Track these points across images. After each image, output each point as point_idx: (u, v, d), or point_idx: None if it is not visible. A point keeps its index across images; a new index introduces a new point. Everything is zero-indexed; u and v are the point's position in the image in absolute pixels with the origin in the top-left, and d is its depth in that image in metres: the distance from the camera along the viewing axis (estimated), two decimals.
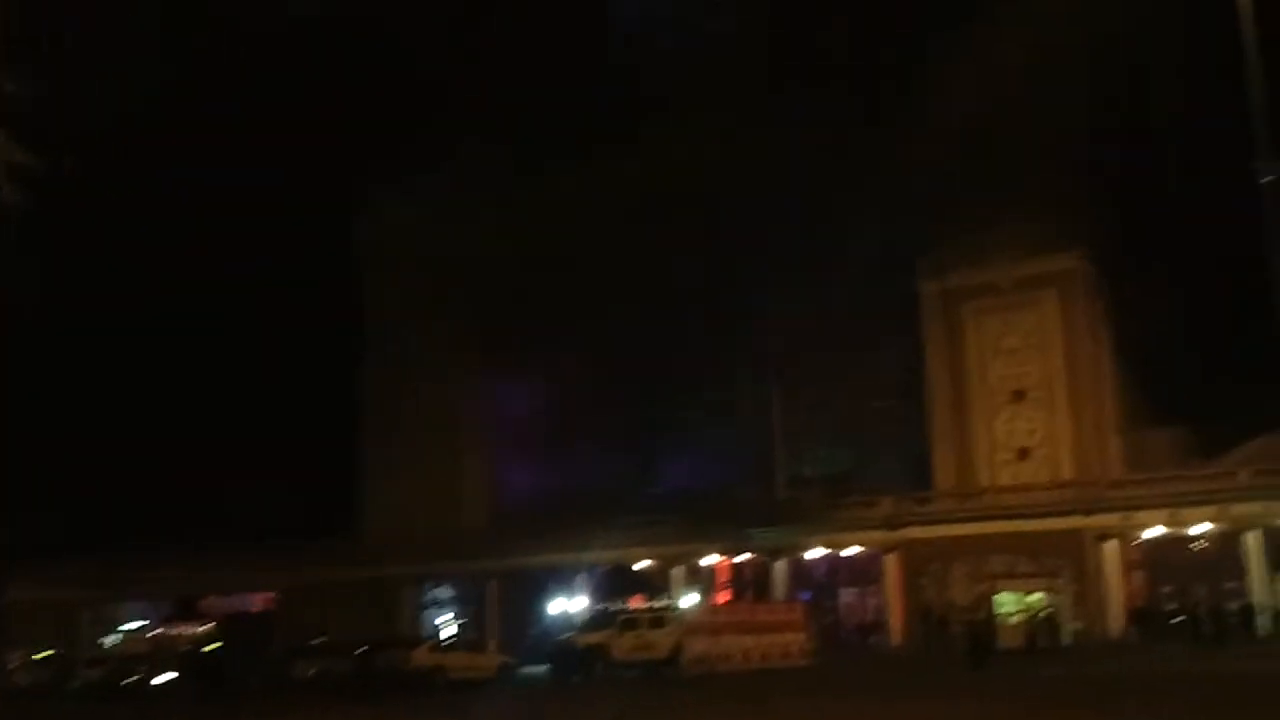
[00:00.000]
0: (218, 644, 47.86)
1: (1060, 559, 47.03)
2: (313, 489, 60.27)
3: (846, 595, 52.09)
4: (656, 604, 50.10)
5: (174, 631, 53.04)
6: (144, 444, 62.11)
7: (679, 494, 56.77)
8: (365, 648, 37.89)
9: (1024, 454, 51.85)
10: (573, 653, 38.80)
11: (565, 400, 59.76)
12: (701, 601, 49.35)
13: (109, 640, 56.11)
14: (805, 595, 48.92)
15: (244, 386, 63.01)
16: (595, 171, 58.83)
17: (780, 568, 51.17)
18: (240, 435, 61.95)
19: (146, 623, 59.09)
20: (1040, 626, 45.88)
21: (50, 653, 43.72)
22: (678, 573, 52.83)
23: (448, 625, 57.12)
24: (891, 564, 49.53)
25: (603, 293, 60.02)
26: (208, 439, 62.51)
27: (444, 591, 58.55)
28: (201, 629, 55.65)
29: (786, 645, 38.46)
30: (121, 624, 59.47)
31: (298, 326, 61.92)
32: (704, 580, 53.67)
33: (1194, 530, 46.28)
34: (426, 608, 58.02)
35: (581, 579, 53.73)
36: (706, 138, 56.56)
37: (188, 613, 58.91)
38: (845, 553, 51.19)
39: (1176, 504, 46.02)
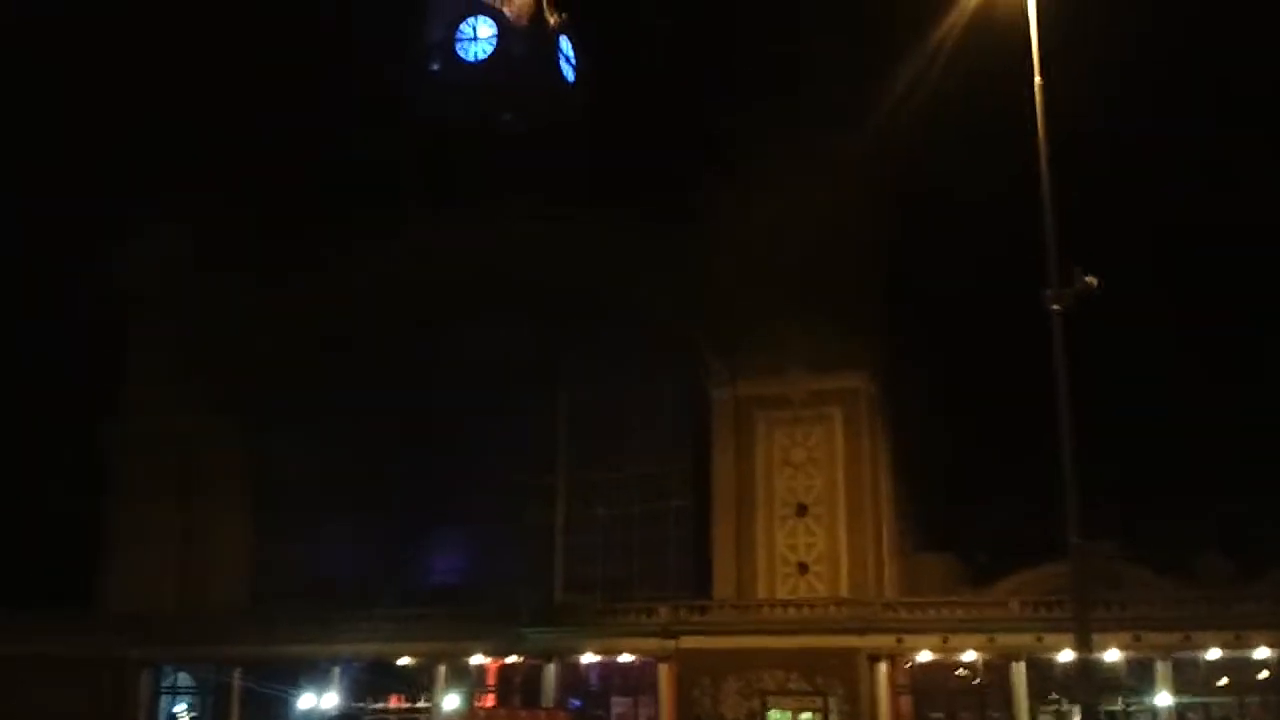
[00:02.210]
0: None
1: (833, 678, 44.55)
2: (48, 552, 52.86)
3: (619, 704, 48.13)
4: (414, 704, 45.27)
5: None
6: None
7: (451, 588, 52.26)
8: None
9: (803, 569, 49.42)
10: None
11: (337, 478, 54.58)
12: (463, 703, 44.66)
13: None
14: (576, 702, 44.83)
15: None
16: (397, 243, 55.27)
17: (551, 671, 46.99)
18: None
19: None
20: None
21: None
22: (442, 671, 47.98)
23: (183, 715, 50.45)
24: (665, 673, 46.03)
25: (388, 369, 55.74)
26: None
27: (185, 677, 51.72)
28: None
29: None
30: None
31: (45, 371, 55.24)
32: (471, 681, 48.96)
33: (964, 657, 44.52)
34: (163, 694, 51.06)
35: (338, 672, 48.19)
36: (508, 223, 53.87)
37: None
38: (620, 659, 47.36)
39: (949, 629, 44.25)
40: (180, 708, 51.16)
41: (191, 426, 55.18)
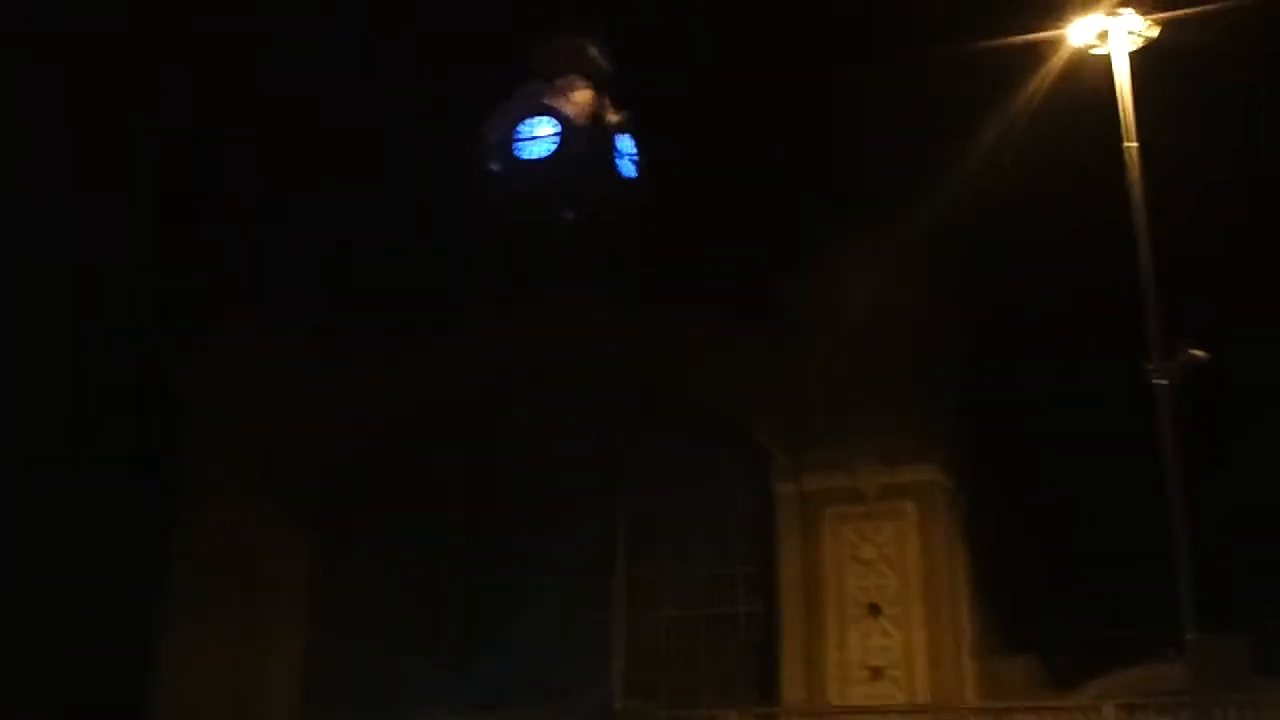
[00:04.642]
0: None
1: None
2: (99, 675, 50.87)
3: None
4: None
5: None
6: None
7: (509, 693, 49.39)
8: None
9: (877, 673, 46.08)
10: None
11: (395, 584, 52.51)
12: None
13: None
14: None
15: (30, 540, 54.33)
16: (457, 342, 54.16)
17: None
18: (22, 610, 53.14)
19: None
20: None
21: None
22: None
23: None
24: None
25: (446, 470, 54.05)
26: None
27: None
28: None
29: None
30: None
31: (97, 471, 54.13)
32: None
33: None
34: None
35: None
36: (565, 318, 52.59)
37: None
38: None
39: None
40: None
41: (248, 538, 53.53)
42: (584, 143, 67.96)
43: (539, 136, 66.96)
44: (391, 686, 50.38)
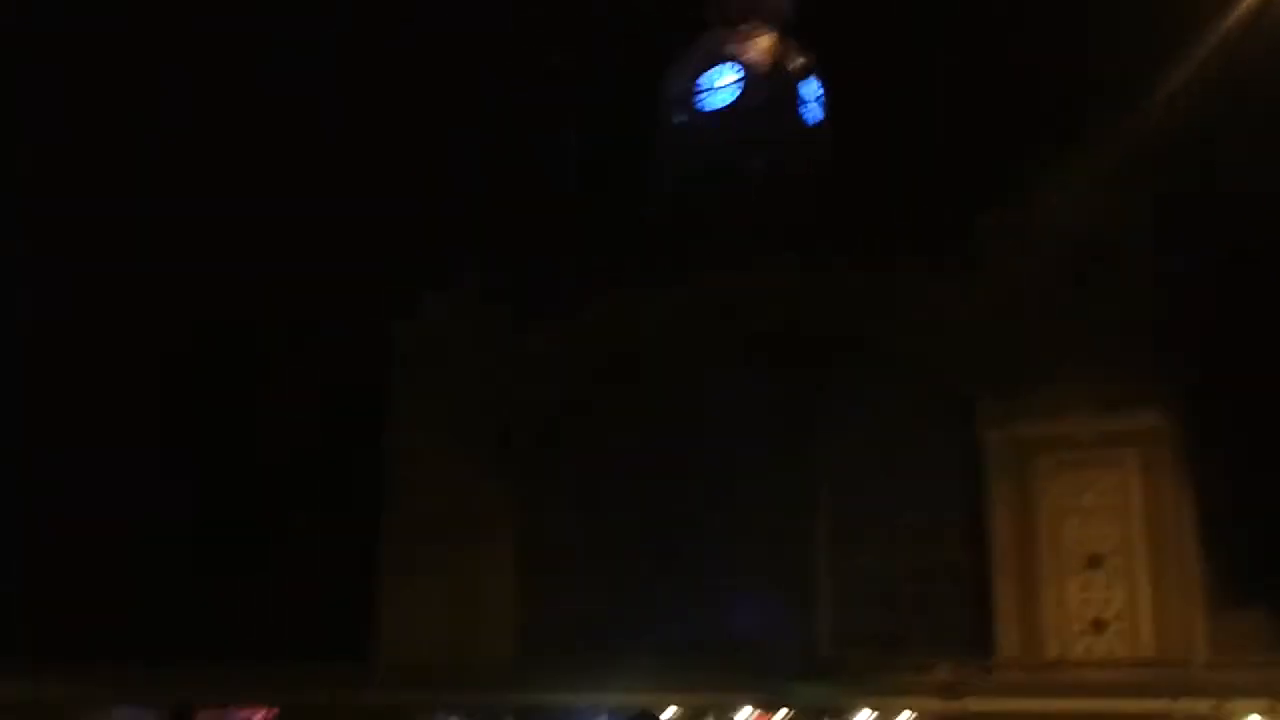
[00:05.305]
0: None
1: None
2: (324, 605, 53.29)
3: None
4: None
5: None
6: (149, 549, 55.89)
7: (712, 640, 49.40)
8: None
9: (1099, 626, 44.20)
10: None
11: (603, 528, 52.97)
12: None
13: None
14: None
15: (261, 491, 56.84)
16: (656, 296, 53.99)
17: None
18: (252, 547, 55.77)
19: None
20: None
21: None
22: None
23: None
24: None
25: (648, 422, 54.04)
26: (219, 547, 56.24)
27: None
28: None
29: None
30: None
31: (318, 429, 56.16)
32: None
33: None
34: None
35: None
36: (771, 266, 51.77)
37: None
38: (898, 719, 43.36)
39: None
40: None
41: (461, 484, 54.80)
42: (767, 90, 66.78)
43: (721, 86, 66.04)
44: (595, 630, 50.96)
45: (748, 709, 45.55)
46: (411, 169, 60.47)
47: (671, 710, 46.28)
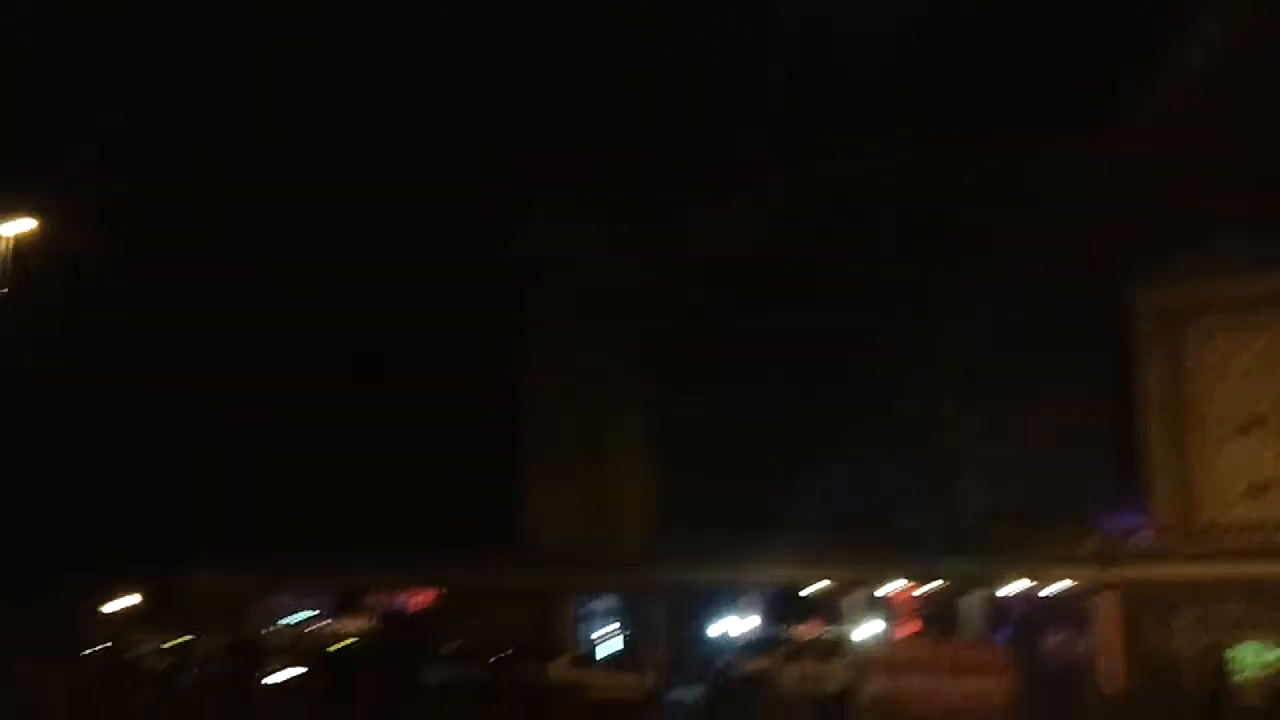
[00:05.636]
0: (353, 642, 42.95)
1: None
2: (475, 495, 55.29)
3: (1052, 636, 43.40)
4: (830, 632, 43.05)
5: (325, 627, 48.59)
6: (315, 445, 58.71)
7: (855, 516, 49.25)
8: (500, 657, 32.16)
9: (1258, 489, 42.34)
10: (731, 680, 32.23)
11: (731, 415, 52.97)
12: (883, 633, 41.81)
13: (271, 630, 52.22)
14: (1002, 634, 40.71)
15: (410, 393, 58.78)
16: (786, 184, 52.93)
17: (972, 602, 43.04)
18: (408, 442, 57.94)
19: (314, 614, 55.29)
20: None
21: (185, 639, 39.35)
22: (852, 600, 45.28)
23: (606, 639, 50.99)
24: (1106, 605, 40.82)
25: (780, 302, 53.45)
26: (379, 444, 58.60)
27: (603, 605, 52.27)
28: (358, 625, 51.34)
29: (983, 691, 30.68)
30: (288, 615, 55.63)
31: (462, 333, 57.44)
32: (881, 610, 45.99)
33: None
34: (584, 620, 51.87)
35: (748, 600, 46.79)
36: (893, 143, 50.07)
37: (351, 608, 54.75)
38: (1049, 590, 42.68)
39: None
40: (603, 632, 51.83)
41: (600, 372, 55.53)
42: None
43: None
44: (738, 507, 51.31)
45: (895, 583, 45.51)
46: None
47: (818, 585, 46.66)
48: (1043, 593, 42.93)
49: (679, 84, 58.76)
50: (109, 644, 40.37)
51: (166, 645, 39.39)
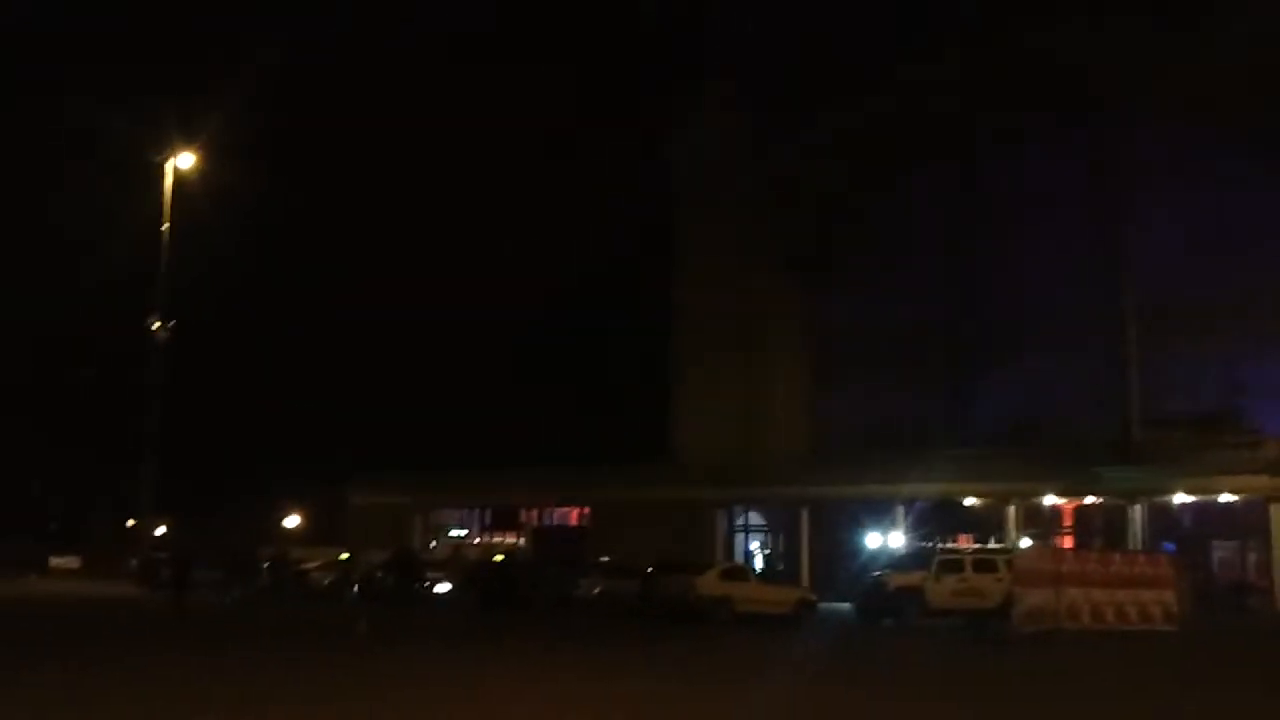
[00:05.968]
0: (506, 556, 43.91)
1: None
2: (627, 411, 55.59)
3: (1220, 548, 41.35)
4: (987, 545, 42.00)
5: (481, 542, 49.93)
6: (471, 364, 59.85)
7: (1014, 426, 47.52)
8: (650, 571, 32.28)
9: None
10: (883, 595, 31.62)
11: (887, 322, 51.44)
12: (1041, 545, 40.51)
13: (433, 546, 54.07)
14: (1169, 546, 38.91)
15: (558, 312, 59.13)
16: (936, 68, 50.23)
17: (1138, 513, 41.27)
18: (558, 360, 58.60)
19: (467, 531, 57.04)
20: None
21: (348, 555, 40.89)
22: (1012, 512, 43.98)
23: (758, 553, 50.98)
24: (1277, 516, 38.61)
25: (932, 206, 51.36)
26: (530, 365, 59.35)
27: (755, 518, 52.17)
28: (513, 541, 52.64)
29: (1148, 605, 29.37)
30: (446, 531, 57.52)
31: (608, 248, 57.30)
32: (1043, 523, 44.56)
33: None
34: (737, 533, 51.90)
35: (902, 513, 45.96)
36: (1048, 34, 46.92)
37: (505, 524, 56.18)
38: (1219, 500, 40.56)
39: None
40: (754, 545, 51.86)
41: (748, 286, 54.62)
42: None
43: None
44: (892, 420, 50.20)
45: (1055, 495, 43.99)
46: None
47: (973, 500, 45.52)
48: (1213, 503, 40.87)
49: None
50: (277, 559, 42.23)
51: (330, 560, 40.98)
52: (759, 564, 49.04)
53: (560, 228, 60.06)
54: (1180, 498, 41.52)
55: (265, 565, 41.55)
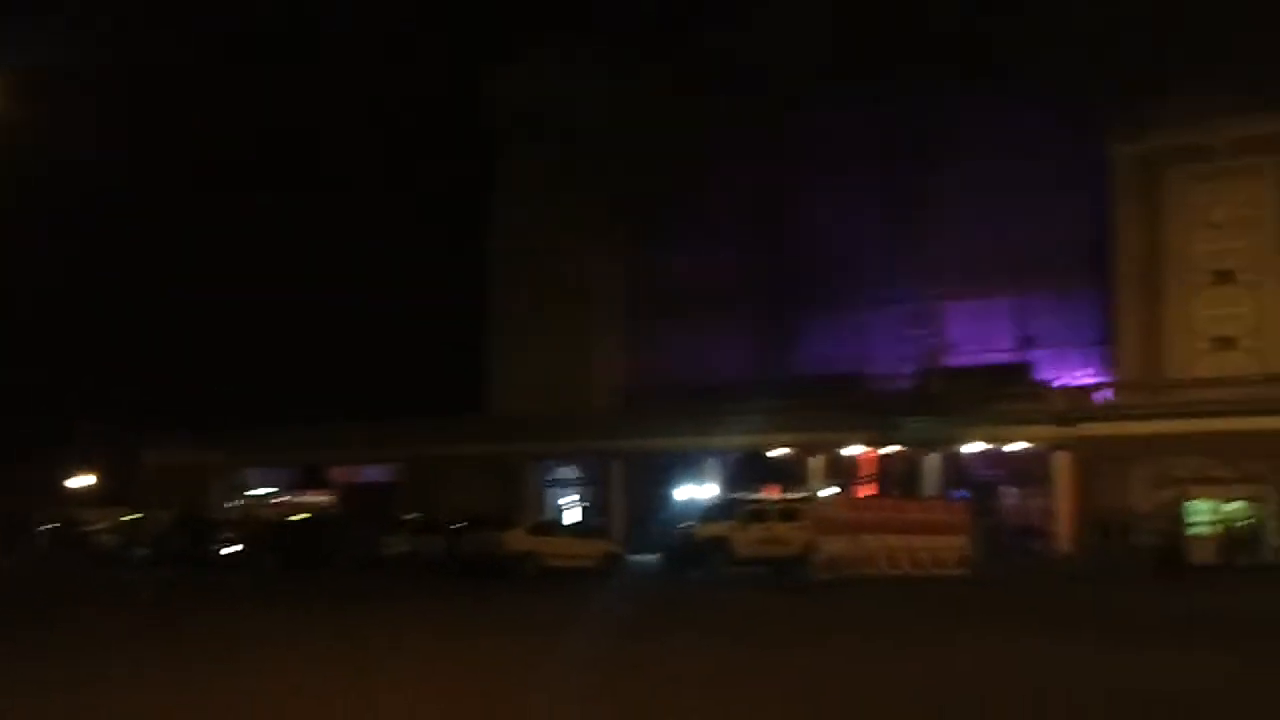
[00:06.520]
0: (311, 515, 42.49)
1: (1266, 463, 37.57)
2: (440, 365, 54.51)
3: (1008, 495, 43.38)
4: (790, 495, 42.77)
5: (285, 501, 48.17)
6: (274, 317, 57.43)
7: (820, 378, 48.67)
8: (458, 527, 31.64)
9: (1226, 343, 41.89)
10: (690, 545, 31.80)
11: (701, 276, 51.84)
12: (843, 495, 41.54)
13: (227, 506, 51.81)
14: (961, 493, 40.56)
15: (371, 260, 57.33)
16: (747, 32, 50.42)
17: (933, 462, 42.84)
18: (369, 310, 56.89)
19: (274, 490, 54.89)
20: (1239, 541, 37.04)
21: (138, 516, 38.73)
22: (816, 462, 45.02)
23: (571, 506, 50.83)
24: (1062, 463, 40.69)
25: (747, 160, 51.67)
26: (337, 314, 57.49)
27: (568, 471, 51.99)
28: (319, 499, 50.96)
29: (941, 551, 30.46)
30: (249, 490, 55.20)
31: (423, 197, 55.74)
32: (846, 472, 45.79)
33: None
34: (549, 487, 51.64)
35: (712, 465, 46.52)
36: None
37: (314, 482, 54.33)
38: (1008, 449, 42.46)
39: None
40: (567, 499, 51.70)
41: (566, 239, 54.06)
42: None
43: None
44: (706, 372, 50.67)
45: (857, 445, 45.21)
46: None
47: (780, 451, 46.36)
48: (1002, 452, 42.75)
49: None
50: (59, 522, 39.69)
51: (118, 522, 38.72)
52: (577, 517, 48.93)
53: (378, 173, 58.27)
54: (973, 447, 43.22)
55: (44, 528, 38.92)
